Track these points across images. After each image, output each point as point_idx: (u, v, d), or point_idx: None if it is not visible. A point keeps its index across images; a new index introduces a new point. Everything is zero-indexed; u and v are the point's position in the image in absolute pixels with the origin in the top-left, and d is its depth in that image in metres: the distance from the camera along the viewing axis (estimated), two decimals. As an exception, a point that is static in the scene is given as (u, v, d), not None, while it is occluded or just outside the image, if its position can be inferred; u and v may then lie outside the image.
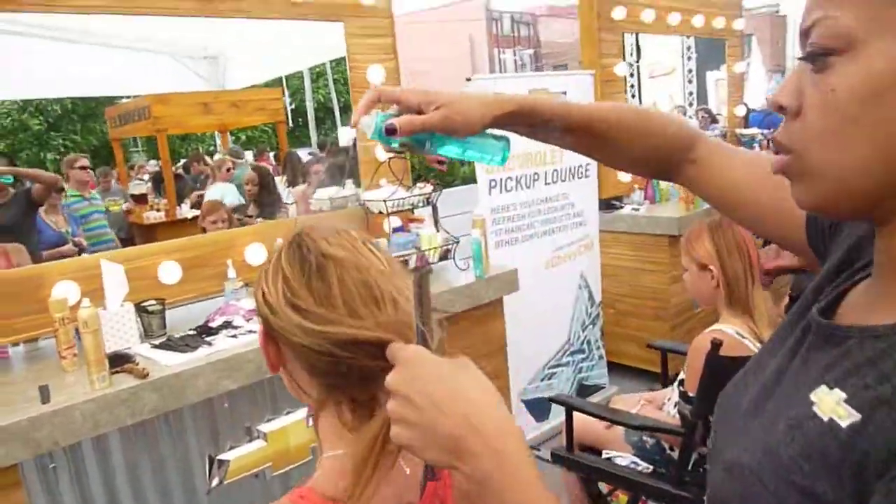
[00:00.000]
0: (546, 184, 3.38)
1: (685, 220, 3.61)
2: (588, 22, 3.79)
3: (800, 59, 0.52)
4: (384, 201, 2.55)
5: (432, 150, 0.77)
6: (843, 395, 0.48)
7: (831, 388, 0.50)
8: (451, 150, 0.78)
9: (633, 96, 6.31)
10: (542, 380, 3.45)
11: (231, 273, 2.36)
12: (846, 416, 0.47)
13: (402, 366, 0.58)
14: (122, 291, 2.10)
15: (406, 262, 2.42)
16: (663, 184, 4.11)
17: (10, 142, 12.35)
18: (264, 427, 2.08)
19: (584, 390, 3.65)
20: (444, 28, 29.18)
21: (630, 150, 0.82)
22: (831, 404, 0.49)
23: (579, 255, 3.58)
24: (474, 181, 3.20)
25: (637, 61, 6.22)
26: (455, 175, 13.38)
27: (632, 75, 5.92)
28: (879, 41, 0.46)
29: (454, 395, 0.56)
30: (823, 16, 0.49)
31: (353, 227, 0.80)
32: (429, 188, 2.72)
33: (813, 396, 0.51)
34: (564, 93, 3.42)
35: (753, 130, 5.01)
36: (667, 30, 4.35)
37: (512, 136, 0.79)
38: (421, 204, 2.71)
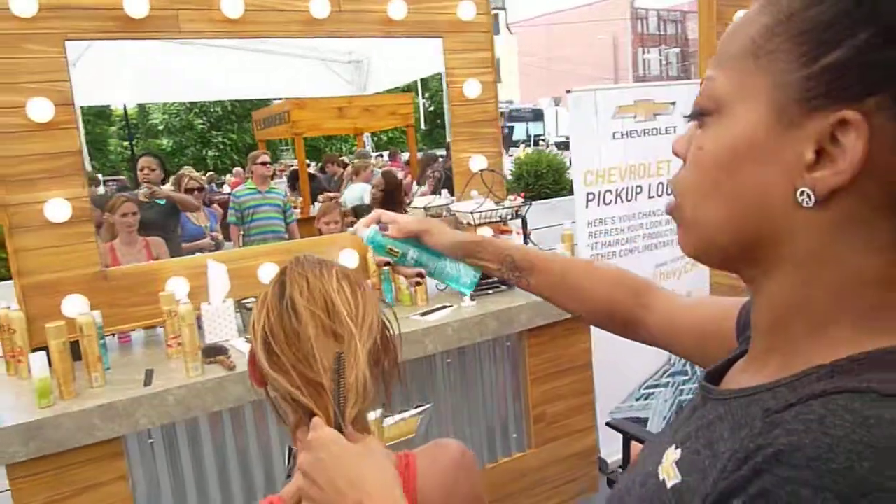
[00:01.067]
0: (650, 197, 3.27)
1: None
2: (707, 26, 3.62)
3: (684, 116, 0.56)
4: (471, 213, 2.61)
5: (413, 263, 0.98)
6: (677, 457, 0.50)
7: (676, 448, 0.52)
8: (429, 263, 0.97)
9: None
10: (638, 399, 3.35)
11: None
12: (673, 477, 0.49)
13: (313, 449, 0.71)
14: (224, 289, 2.33)
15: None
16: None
17: (178, 139, 13.78)
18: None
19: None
20: (587, 27, 28.65)
21: (570, 295, 0.92)
22: (668, 464, 0.51)
23: (685, 273, 3.43)
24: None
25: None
26: (564, 184, 13.18)
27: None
28: (742, 106, 0.48)
29: (352, 482, 0.68)
30: (710, 76, 0.51)
31: (339, 264, 0.89)
32: (519, 201, 2.74)
33: (664, 455, 0.53)
34: (673, 103, 3.30)
35: None
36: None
37: (616, 149, 0.92)
38: (510, 216, 2.74)
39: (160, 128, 13.81)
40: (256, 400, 2.05)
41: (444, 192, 3.01)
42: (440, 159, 5.10)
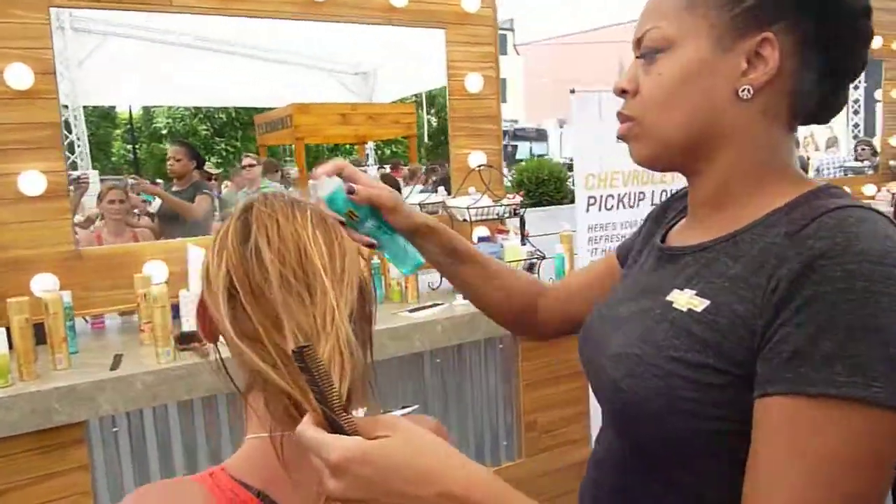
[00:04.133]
0: (652, 204, 3.17)
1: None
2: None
3: (637, 57, 0.73)
4: (467, 209, 2.51)
5: (368, 230, 0.89)
6: (693, 292, 0.67)
7: (682, 289, 0.69)
8: (381, 237, 0.91)
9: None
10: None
11: (311, 268, 2.42)
12: (699, 305, 0.65)
13: (342, 474, 0.52)
14: (205, 275, 2.22)
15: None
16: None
17: (181, 144, 13.77)
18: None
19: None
20: (594, 50, 28.84)
21: (497, 285, 1.03)
22: (685, 300, 0.67)
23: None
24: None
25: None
26: (565, 193, 13.11)
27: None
28: (688, 41, 0.69)
29: (414, 480, 0.53)
30: (652, 27, 0.71)
31: (309, 203, 0.76)
32: (517, 199, 2.65)
33: (669, 298, 0.69)
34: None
35: (914, 163, 4.43)
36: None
37: (620, 154, 1.01)
38: (507, 215, 2.64)
39: (164, 132, 13.80)
40: (232, 392, 1.93)
41: (441, 189, 2.91)
42: (446, 165, 5.07)
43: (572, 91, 3.00)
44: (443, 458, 0.54)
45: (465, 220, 2.59)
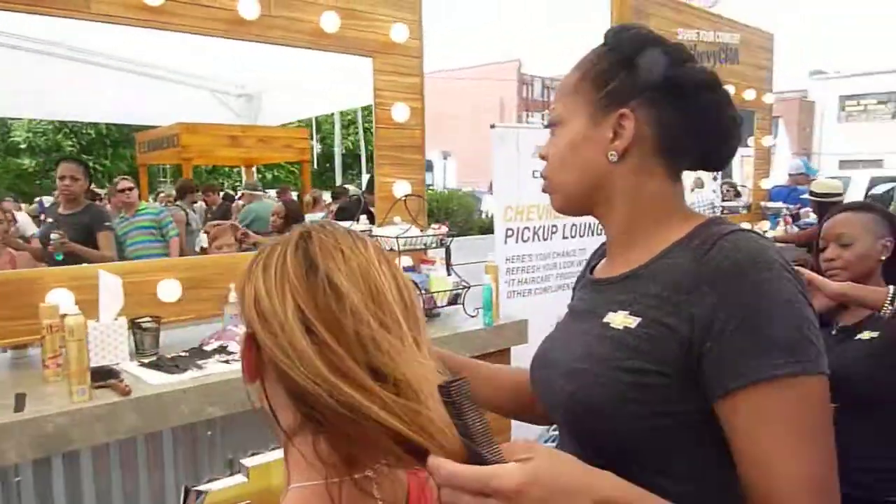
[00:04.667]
0: (564, 238, 3.31)
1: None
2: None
3: (545, 126, 1.03)
4: (396, 238, 2.48)
5: None
6: (626, 312, 0.82)
7: (616, 311, 0.83)
8: None
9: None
10: (549, 440, 3.30)
11: (233, 297, 2.29)
12: (632, 322, 0.80)
13: (522, 499, 0.53)
14: (117, 305, 2.03)
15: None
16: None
17: (42, 160, 12.58)
18: (248, 461, 1.96)
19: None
20: (479, 86, 29.80)
21: (497, 385, 1.12)
22: (620, 319, 0.82)
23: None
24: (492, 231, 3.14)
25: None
26: (472, 224, 13.40)
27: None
28: (573, 119, 0.89)
29: (576, 491, 0.57)
30: (554, 106, 0.92)
31: (367, 237, 0.70)
32: (443, 229, 2.65)
33: (606, 319, 0.84)
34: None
35: (778, 204, 4.93)
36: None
37: (536, 187, 1.14)
38: (434, 245, 2.64)
39: (22, 146, 12.55)
40: (151, 432, 1.77)
41: (363, 218, 2.86)
42: (353, 194, 4.98)
43: (492, 126, 3.09)
44: (583, 469, 0.61)
45: (391, 250, 2.56)
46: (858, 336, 1.61)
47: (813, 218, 4.82)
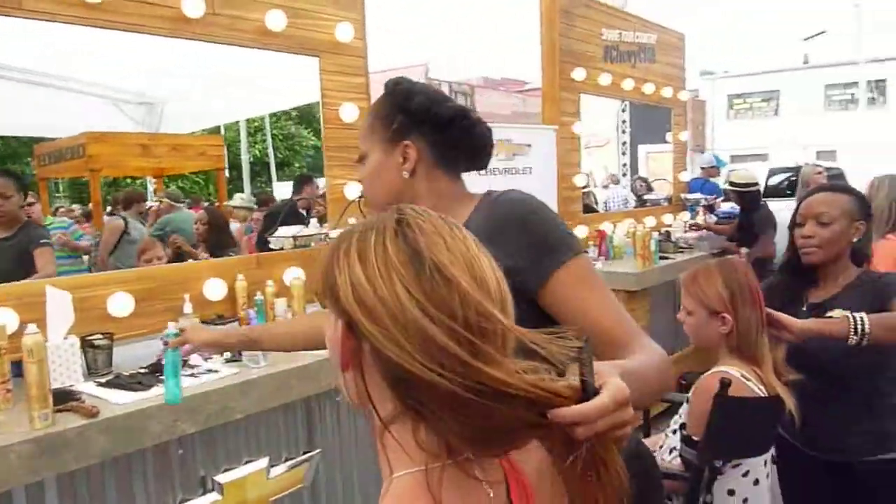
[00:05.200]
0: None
1: (644, 275, 3.64)
2: (550, 79, 3.89)
3: (356, 161, 1.22)
4: (355, 240, 2.44)
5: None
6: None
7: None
8: (168, 366, 1.40)
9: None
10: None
11: (188, 308, 2.18)
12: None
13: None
14: (66, 323, 1.89)
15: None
16: (617, 240, 4.16)
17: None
18: (221, 478, 1.88)
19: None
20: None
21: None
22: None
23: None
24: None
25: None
26: None
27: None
28: (372, 152, 1.16)
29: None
30: (360, 143, 1.20)
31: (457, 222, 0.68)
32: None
33: None
34: (529, 145, 3.46)
35: (696, 195, 5.21)
36: (621, 94, 4.52)
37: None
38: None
39: None
40: (125, 454, 1.66)
41: (313, 221, 2.80)
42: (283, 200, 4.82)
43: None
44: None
45: (349, 252, 2.51)
46: (830, 314, 1.59)
47: (727, 207, 5.11)
